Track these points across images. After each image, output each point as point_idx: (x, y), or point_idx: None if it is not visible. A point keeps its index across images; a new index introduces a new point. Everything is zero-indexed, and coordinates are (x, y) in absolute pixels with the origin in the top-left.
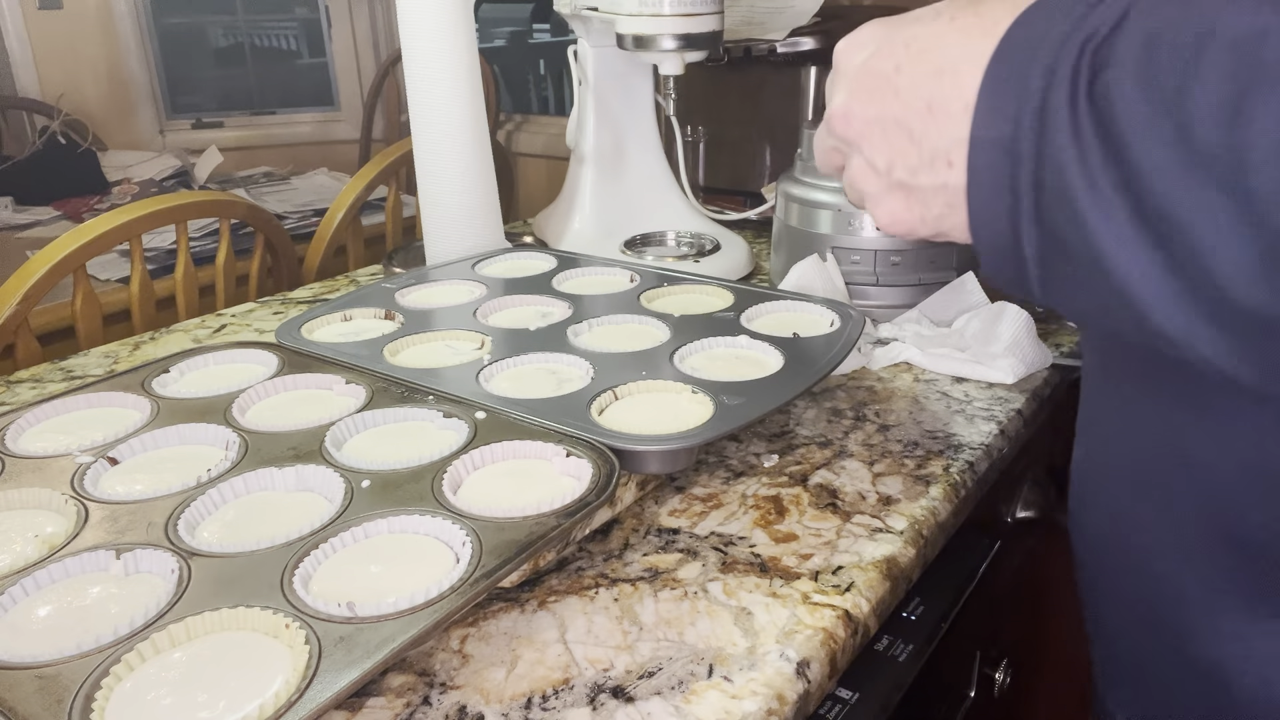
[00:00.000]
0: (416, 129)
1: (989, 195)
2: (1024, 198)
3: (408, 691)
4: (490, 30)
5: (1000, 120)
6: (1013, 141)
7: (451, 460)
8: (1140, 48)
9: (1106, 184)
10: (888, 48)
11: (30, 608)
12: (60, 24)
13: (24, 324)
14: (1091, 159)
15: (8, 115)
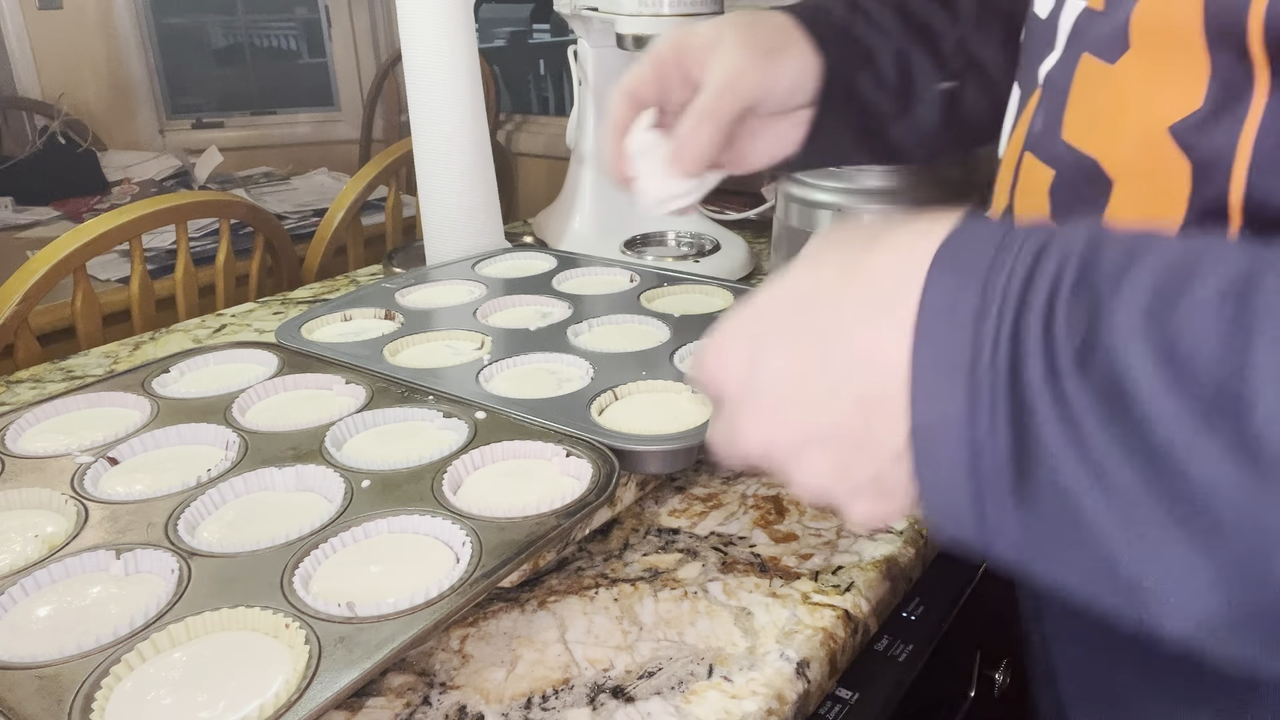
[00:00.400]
0: (416, 129)
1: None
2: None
3: (408, 691)
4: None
5: (948, 417)
6: (970, 429)
7: (451, 460)
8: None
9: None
10: (779, 351)
11: (30, 608)
12: (60, 24)
13: (24, 324)
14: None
15: (8, 115)
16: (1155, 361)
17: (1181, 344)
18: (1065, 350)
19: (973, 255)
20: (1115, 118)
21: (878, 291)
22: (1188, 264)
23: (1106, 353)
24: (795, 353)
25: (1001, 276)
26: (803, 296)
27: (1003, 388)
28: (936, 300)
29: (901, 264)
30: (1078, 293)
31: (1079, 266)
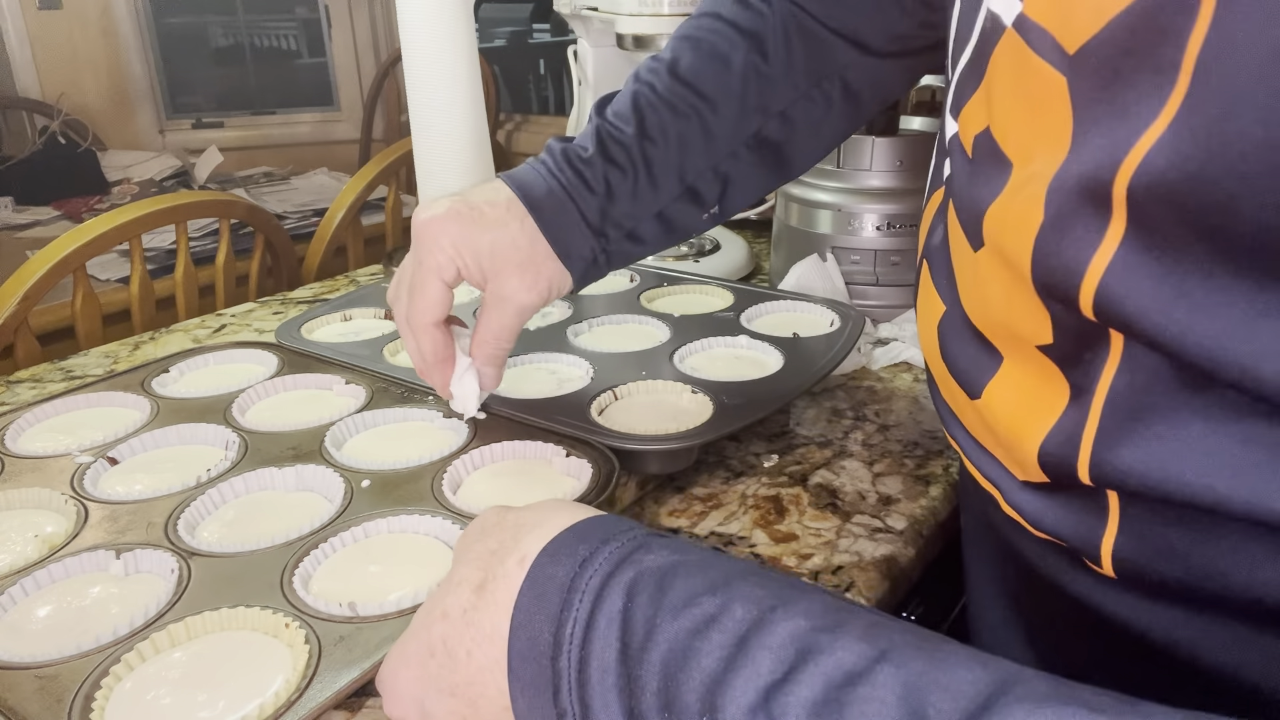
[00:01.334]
0: (416, 129)
1: None
2: None
3: None
4: (490, 30)
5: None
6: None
7: (451, 460)
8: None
9: None
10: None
11: (30, 608)
12: (60, 24)
13: (24, 324)
14: None
15: (8, 115)
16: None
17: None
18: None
19: (543, 607)
20: (991, 309)
21: (490, 644)
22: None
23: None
24: (453, 706)
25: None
26: (440, 650)
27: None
28: (519, 649)
29: (498, 610)
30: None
31: (620, 643)
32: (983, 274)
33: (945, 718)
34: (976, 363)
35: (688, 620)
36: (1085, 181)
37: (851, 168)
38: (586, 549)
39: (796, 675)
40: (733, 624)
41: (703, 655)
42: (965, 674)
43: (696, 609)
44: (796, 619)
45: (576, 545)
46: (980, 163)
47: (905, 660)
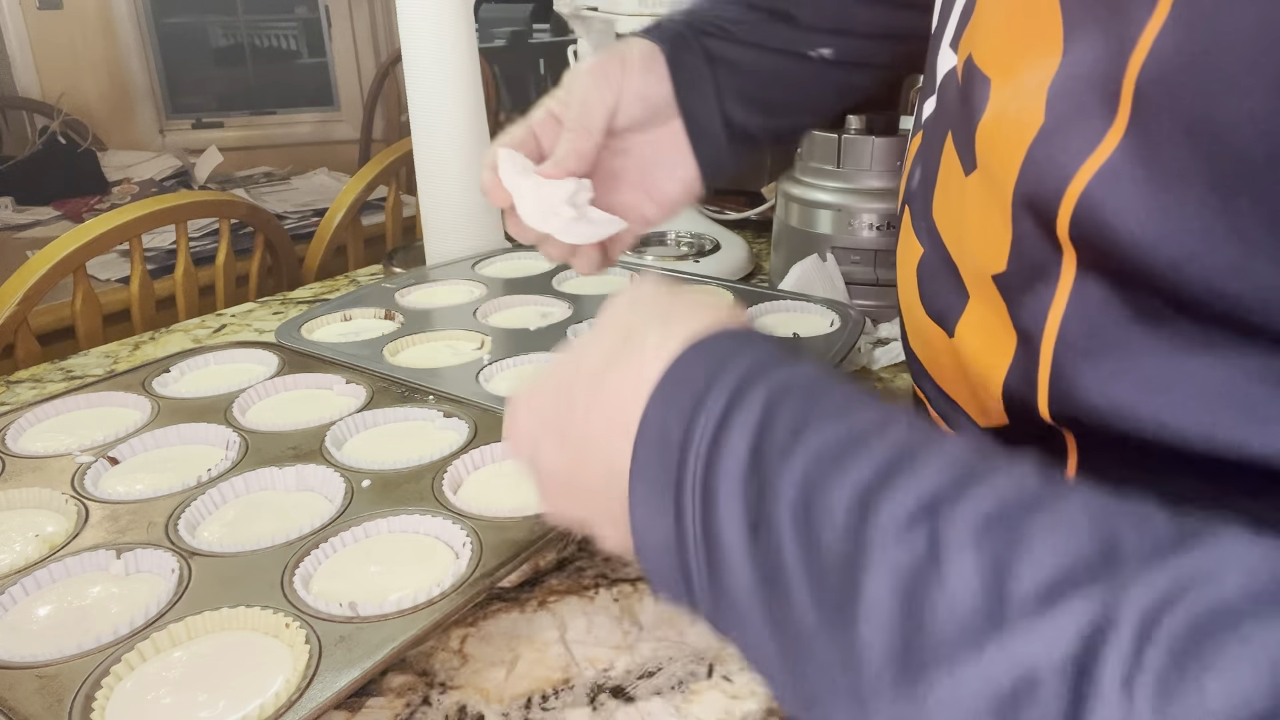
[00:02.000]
0: (416, 129)
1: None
2: (701, 606)
3: (408, 691)
4: (490, 30)
5: (660, 535)
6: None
7: (451, 460)
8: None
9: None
10: (551, 447)
11: (30, 607)
12: (60, 24)
13: (24, 324)
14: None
15: (8, 115)
16: (802, 552)
17: (820, 540)
18: (741, 521)
19: (678, 402)
20: (964, 238)
21: (615, 412)
22: (834, 458)
23: (770, 529)
24: (565, 457)
25: (696, 439)
26: (566, 399)
27: (700, 533)
28: (647, 439)
29: (631, 389)
30: (753, 472)
31: (753, 446)
32: (967, 200)
33: (1142, 552)
34: (949, 300)
35: (843, 427)
36: (1095, 80)
37: (851, 168)
38: (732, 352)
39: (966, 491)
40: (896, 436)
41: (859, 462)
42: (1158, 512)
43: (853, 418)
44: (968, 447)
45: (723, 346)
46: (970, 83)
47: (1092, 494)
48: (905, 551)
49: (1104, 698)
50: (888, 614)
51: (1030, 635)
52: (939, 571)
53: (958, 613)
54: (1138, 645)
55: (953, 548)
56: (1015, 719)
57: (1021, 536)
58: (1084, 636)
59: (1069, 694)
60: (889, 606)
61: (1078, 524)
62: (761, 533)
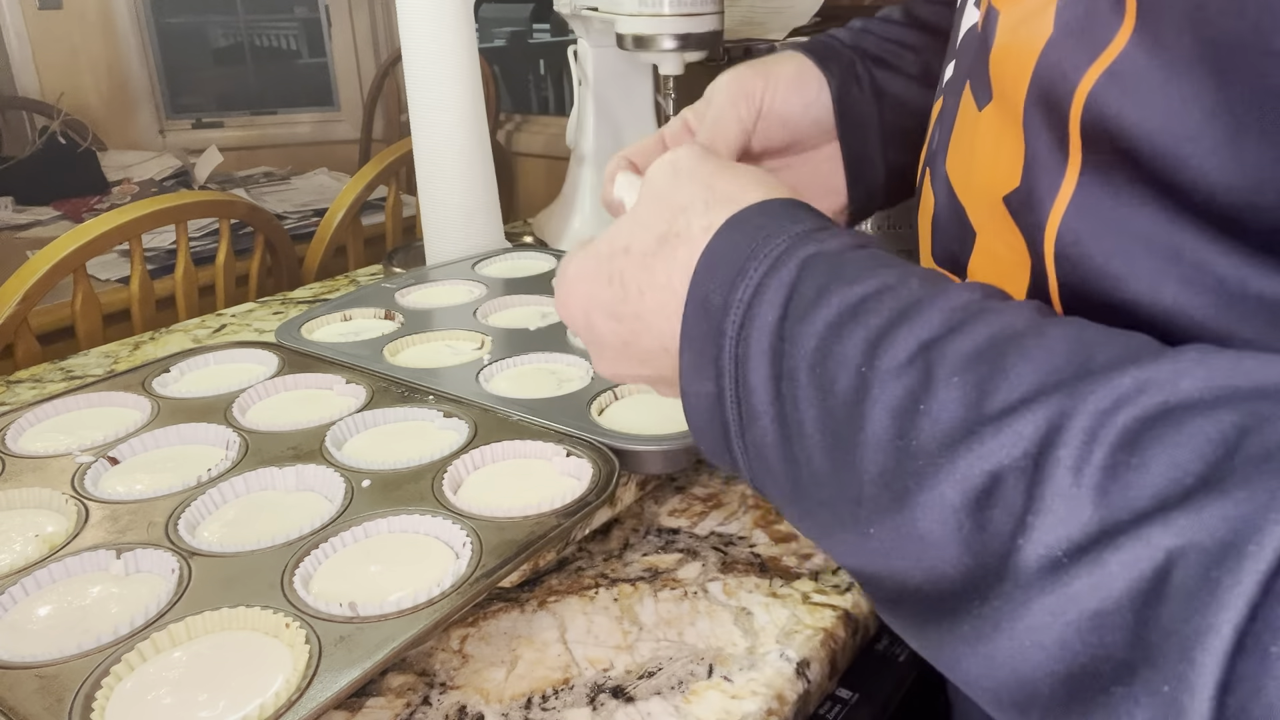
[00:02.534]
0: (416, 129)
1: (711, 452)
2: (739, 458)
3: (408, 691)
4: (490, 30)
5: (705, 389)
6: (719, 410)
7: (451, 460)
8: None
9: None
10: (604, 323)
11: (30, 607)
12: (60, 24)
13: (24, 324)
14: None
15: (8, 115)
16: (815, 400)
17: (833, 387)
18: (768, 375)
19: (720, 273)
20: (973, 171)
21: (664, 292)
22: (852, 312)
23: (791, 381)
24: (619, 331)
25: (734, 304)
26: (616, 278)
27: (734, 389)
28: (693, 307)
29: (680, 265)
30: (780, 333)
31: (783, 308)
32: (979, 134)
33: (1109, 364)
34: (959, 242)
35: (861, 288)
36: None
37: None
38: (770, 226)
39: (961, 330)
40: (908, 292)
41: (870, 315)
42: (1140, 335)
43: (873, 279)
44: (974, 293)
45: (761, 220)
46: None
47: (1081, 325)
48: (901, 386)
49: (1055, 487)
50: (882, 441)
51: (997, 440)
52: (927, 399)
53: (939, 430)
54: (1087, 439)
55: (941, 378)
56: (986, 517)
57: (1005, 363)
58: (1041, 436)
59: (1026, 487)
60: (883, 435)
61: (1057, 347)
62: (784, 385)
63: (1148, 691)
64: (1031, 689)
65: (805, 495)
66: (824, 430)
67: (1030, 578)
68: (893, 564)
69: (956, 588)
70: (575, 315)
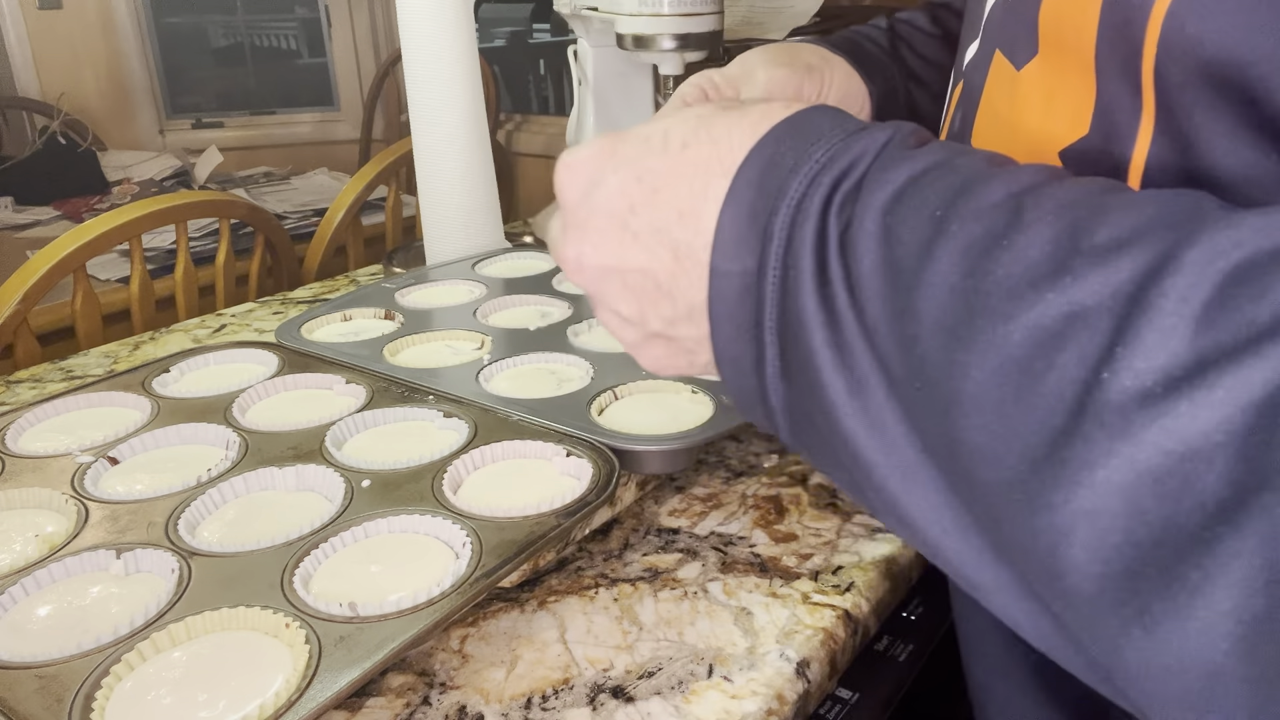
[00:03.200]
0: (416, 129)
1: (731, 340)
2: (768, 348)
3: (408, 691)
4: (490, 30)
5: (741, 263)
6: (755, 287)
7: (451, 460)
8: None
9: (859, 360)
10: (618, 182)
11: (30, 607)
12: (60, 24)
13: (24, 324)
14: (841, 325)
15: (8, 115)
16: (879, 247)
17: (899, 233)
18: (833, 232)
19: (794, 140)
20: (1015, 131)
21: (715, 148)
22: (944, 166)
23: (854, 238)
24: (630, 188)
25: (807, 163)
26: (655, 140)
27: (782, 251)
28: (750, 171)
29: (741, 133)
30: (855, 188)
31: (865, 168)
32: (1020, 94)
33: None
34: None
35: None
36: None
37: None
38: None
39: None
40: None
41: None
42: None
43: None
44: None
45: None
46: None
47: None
48: (981, 226)
49: (1152, 317)
50: (950, 278)
51: (1089, 278)
52: (1011, 238)
53: (1021, 267)
54: (1194, 278)
55: (1030, 218)
56: (1053, 359)
57: (1107, 205)
58: (1140, 274)
59: (1114, 323)
60: (953, 271)
61: (1165, 197)
62: (846, 242)
63: (1262, 519)
64: (1113, 549)
65: (846, 360)
66: (882, 276)
67: (1113, 414)
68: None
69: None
70: (578, 177)
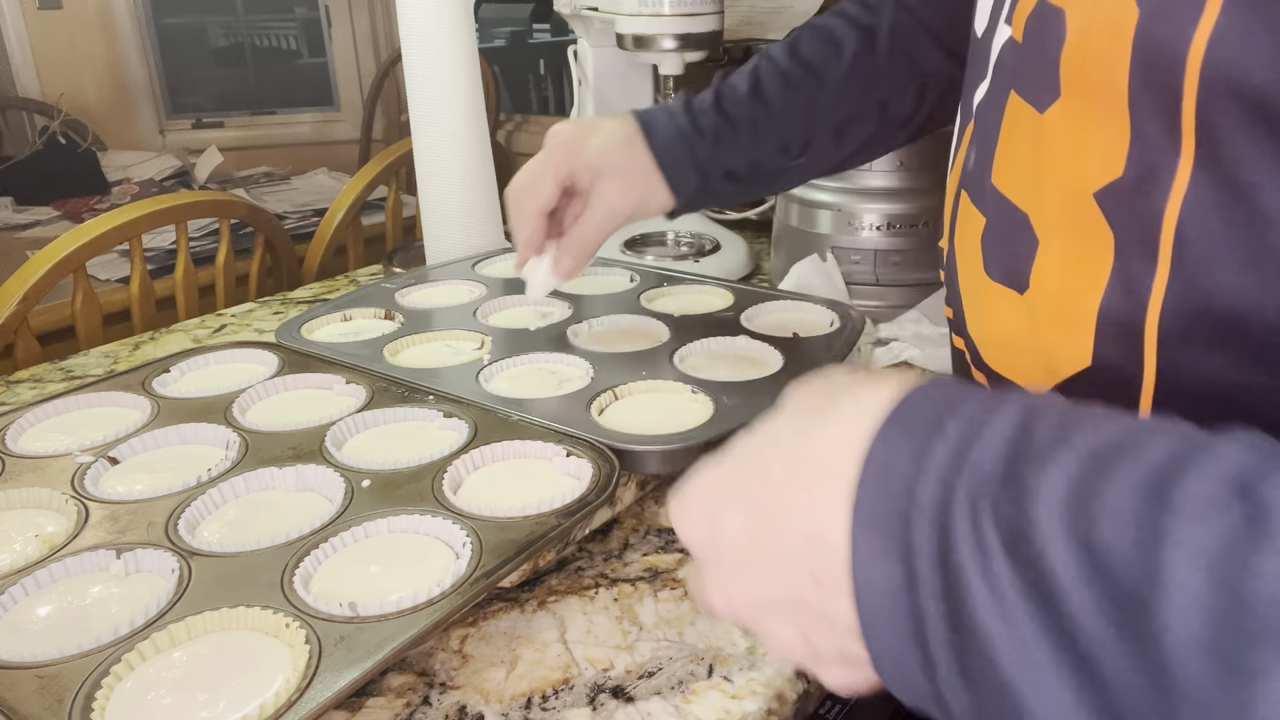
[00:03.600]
0: (416, 129)
1: (896, 657)
2: (940, 663)
3: (408, 691)
4: (490, 30)
5: (888, 580)
6: (911, 602)
7: (451, 460)
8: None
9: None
10: (735, 519)
11: (30, 607)
12: (60, 24)
13: (24, 324)
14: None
15: (8, 115)
16: (1075, 553)
17: (1099, 537)
18: (992, 537)
19: (908, 440)
20: (1042, 173)
21: (820, 467)
22: (1114, 449)
23: (1030, 541)
24: (749, 525)
25: (931, 464)
26: (756, 467)
27: (934, 567)
28: (871, 487)
29: (843, 439)
30: (1006, 481)
31: (1007, 454)
32: (1046, 137)
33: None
34: (1020, 252)
35: (1116, 428)
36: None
37: (852, 169)
38: (964, 388)
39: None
40: (1178, 430)
41: (1142, 452)
42: None
43: (1125, 422)
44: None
45: (950, 386)
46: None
47: None
48: (1214, 529)
49: None
50: (1199, 594)
51: None
52: (1267, 541)
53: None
54: None
55: (1272, 513)
56: None
57: None
58: None
59: None
60: (1200, 586)
61: None
62: (1019, 543)
63: None
64: None
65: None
66: (1096, 590)
67: None
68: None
69: None
70: (694, 520)
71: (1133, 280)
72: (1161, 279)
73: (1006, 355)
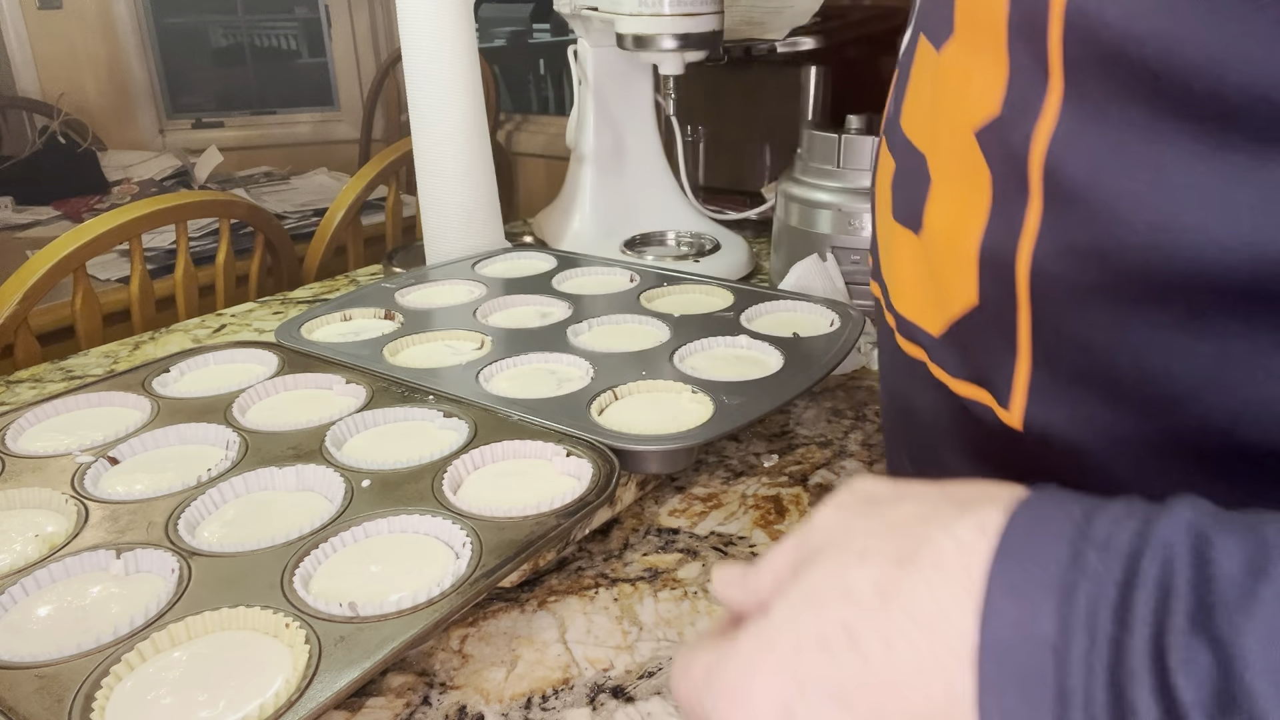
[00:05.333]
0: (416, 129)
1: None
2: None
3: (408, 691)
4: (490, 30)
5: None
6: None
7: (451, 460)
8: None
9: None
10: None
11: (30, 607)
12: (60, 24)
13: (24, 324)
14: None
15: (8, 115)
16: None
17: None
18: (1192, 704)
19: (1040, 571)
20: (938, 113)
21: (930, 644)
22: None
23: (1250, 705)
24: (839, 713)
25: (1082, 602)
26: (837, 643)
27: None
28: (1000, 634)
29: (949, 591)
30: (1196, 629)
31: (1190, 591)
32: (941, 75)
33: None
34: (916, 194)
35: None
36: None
37: (851, 168)
38: (1079, 504)
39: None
40: None
41: None
42: None
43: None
44: None
45: (1067, 505)
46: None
47: None
48: None
49: None
50: None
51: None
52: None
53: None
54: None
55: None
56: None
57: None
58: None
59: None
60: None
61: None
62: (1236, 709)
63: None
64: None
65: None
66: None
67: None
68: None
69: None
70: (765, 710)
71: (1008, 218)
72: (1034, 216)
73: (909, 297)
